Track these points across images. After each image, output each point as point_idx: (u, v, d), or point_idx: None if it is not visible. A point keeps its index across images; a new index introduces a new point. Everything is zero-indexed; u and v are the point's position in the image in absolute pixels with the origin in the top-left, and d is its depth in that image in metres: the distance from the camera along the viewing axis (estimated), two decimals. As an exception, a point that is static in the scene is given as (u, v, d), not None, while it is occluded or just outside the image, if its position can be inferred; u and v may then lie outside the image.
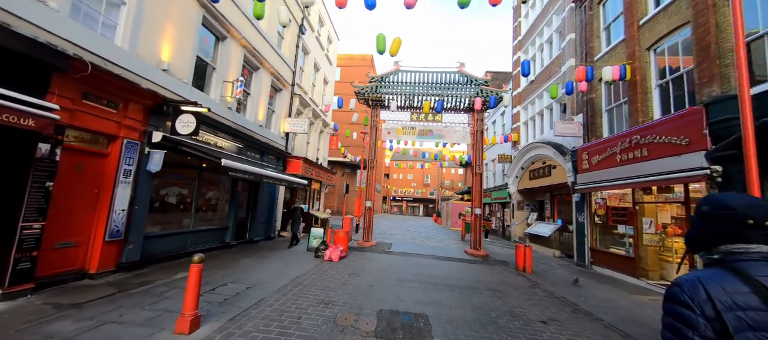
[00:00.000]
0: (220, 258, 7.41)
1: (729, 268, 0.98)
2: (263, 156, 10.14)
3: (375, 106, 12.89)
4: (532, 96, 15.81)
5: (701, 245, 1.09)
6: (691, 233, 1.13)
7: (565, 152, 11.70)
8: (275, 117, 11.43)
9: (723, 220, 1.03)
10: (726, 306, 0.90)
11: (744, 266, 0.96)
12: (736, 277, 0.94)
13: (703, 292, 0.93)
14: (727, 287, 0.92)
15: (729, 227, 1.01)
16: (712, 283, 0.94)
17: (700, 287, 0.94)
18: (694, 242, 1.12)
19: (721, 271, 0.98)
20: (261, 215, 10.47)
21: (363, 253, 9.97)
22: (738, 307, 0.89)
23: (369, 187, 12.55)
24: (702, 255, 1.09)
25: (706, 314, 0.91)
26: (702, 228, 1.08)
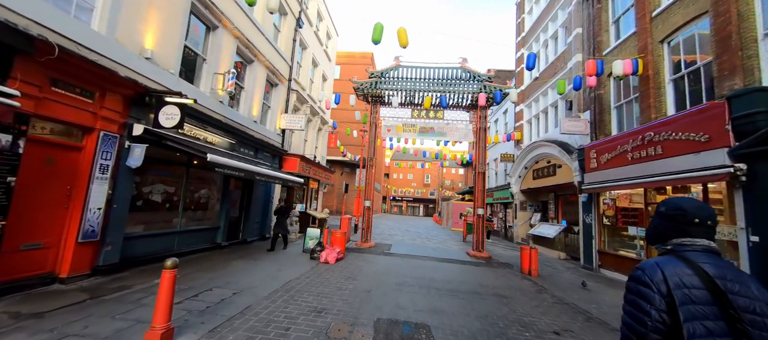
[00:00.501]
0: (209, 260, 7.00)
1: (679, 256, 1.21)
2: (258, 153, 9.73)
3: (375, 103, 12.47)
4: (536, 93, 15.39)
5: (658, 239, 1.34)
6: (650, 229, 1.37)
7: (572, 151, 11.28)
8: (271, 113, 11.01)
9: (676, 219, 1.27)
10: (675, 285, 1.12)
11: (690, 255, 1.20)
12: (684, 263, 1.17)
13: (660, 274, 1.15)
14: (677, 271, 1.15)
15: (680, 225, 1.26)
16: (667, 267, 1.17)
17: (658, 269, 1.17)
18: (652, 236, 1.37)
19: (673, 258, 1.21)
20: (255, 214, 10.05)
21: (361, 254, 9.56)
22: (684, 285, 1.12)
23: (368, 186, 12.13)
24: (657, 246, 1.34)
25: (661, 291, 1.13)
26: (659, 225, 1.33)
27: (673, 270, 1.15)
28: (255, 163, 8.37)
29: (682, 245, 1.24)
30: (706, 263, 1.16)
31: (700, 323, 1.07)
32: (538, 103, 15.37)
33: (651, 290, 1.14)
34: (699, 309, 1.08)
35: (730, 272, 1.15)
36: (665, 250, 1.29)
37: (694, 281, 1.12)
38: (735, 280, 1.13)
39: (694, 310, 1.08)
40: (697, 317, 1.08)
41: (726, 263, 1.18)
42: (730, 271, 1.15)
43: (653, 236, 1.36)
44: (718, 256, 1.21)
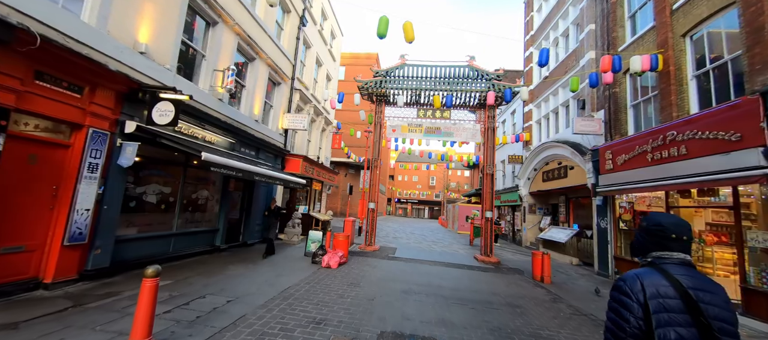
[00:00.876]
0: (205, 264, 6.71)
1: (658, 268, 1.33)
2: (259, 153, 9.46)
3: (380, 103, 12.15)
4: (545, 93, 14.93)
5: (640, 252, 1.46)
6: (634, 243, 1.51)
7: (585, 152, 10.82)
8: (273, 112, 10.75)
9: (655, 234, 1.38)
10: (652, 294, 1.24)
11: (667, 267, 1.32)
12: (661, 274, 1.29)
13: (639, 284, 1.28)
14: (654, 281, 1.27)
15: (659, 239, 1.37)
16: (646, 278, 1.29)
17: (638, 281, 1.29)
18: (635, 249, 1.50)
19: (652, 270, 1.33)
20: (256, 216, 9.77)
21: (365, 259, 9.21)
22: (660, 295, 1.23)
23: (372, 188, 11.79)
24: (640, 259, 1.46)
25: (639, 300, 1.25)
26: (641, 239, 1.45)
27: (650, 281, 1.27)
28: (256, 163, 8.09)
29: (660, 258, 1.35)
30: (682, 275, 1.27)
31: (672, 329, 1.18)
32: (548, 103, 14.91)
33: (630, 299, 1.26)
34: (672, 317, 1.19)
35: (703, 283, 1.26)
36: (646, 262, 1.41)
37: (669, 291, 1.23)
38: (707, 290, 1.23)
39: (666, 317, 1.19)
40: (669, 323, 1.19)
41: (700, 275, 1.30)
42: (703, 282, 1.26)
43: (636, 249, 1.49)
44: (693, 268, 1.32)
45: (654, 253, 1.37)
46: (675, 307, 1.20)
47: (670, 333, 1.16)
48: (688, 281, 1.24)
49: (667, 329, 1.17)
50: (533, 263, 8.54)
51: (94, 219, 4.71)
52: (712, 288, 1.24)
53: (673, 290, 1.22)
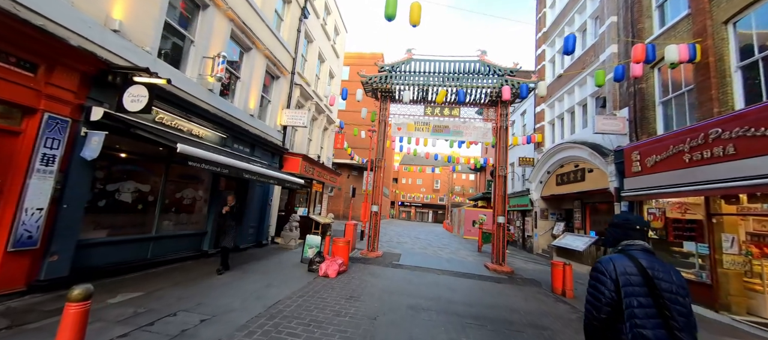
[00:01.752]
0: (188, 272, 5.99)
1: (625, 254, 1.77)
2: (254, 150, 8.76)
3: (384, 99, 11.44)
4: (560, 92, 14.12)
5: (613, 243, 1.92)
6: (608, 236, 1.96)
7: (606, 153, 9.98)
8: (271, 108, 10.08)
9: (624, 227, 1.86)
10: (621, 273, 1.67)
11: (632, 252, 1.75)
12: (628, 258, 1.73)
13: (612, 266, 1.72)
14: (623, 263, 1.71)
15: (626, 230, 1.85)
16: (617, 261, 1.72)
17: (611, 263, 1.73)
18: (608, 242, 1.96)
19: (621, 255, 1.77)
20: (250, 218, 9.06)
21: (367, 266, 8.44)
22: (626, 273, 1.67)
23: (376, 189, 11.05)
24: (612, 248, 1.92)
25: (612, 277, 1.68)
26: (613, 233, 1.92)
27: (620, 263, 1.71)
28: (249, 161, 7.39)
29: (627, 245, 1.82)
30: (642, 258, 1.71)
31: (635, 298, 1.64)
32: (563, 103, 14.09)
33: (606, 277, 1.71)
34: (634, 289, 1.65)
35: (658, 264, 1.70)
36: (617, 250, 1.86)
37: (633, 270, 1.68)
38: (660, 270, 1.67)
39: (631, 290, 1.65)
40: (633, 294, 1.64)
41: (655, 259, 1.74)
42: (658, 264, 1.70)
43: (609, 242, 1.96)
44: (651, 253, 1.78)
45: (623, 242, 1.84)
46: (637, 282, 1.66)
47: (633, 301, 1.64)
48: (646, 262, 1.70)
49: (631, 298, 1.64)
50: (553, 274, 7.72)
51: (49, 220, 4.02)
52: (663, 268, 1.69)
53: (636, 270, 1.68)
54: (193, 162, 4.34)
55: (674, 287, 1.61)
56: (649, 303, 1.60)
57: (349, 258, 9.13)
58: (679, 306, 1.57)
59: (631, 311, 1.59)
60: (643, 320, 1.58)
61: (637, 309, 1.59)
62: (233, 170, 5.29)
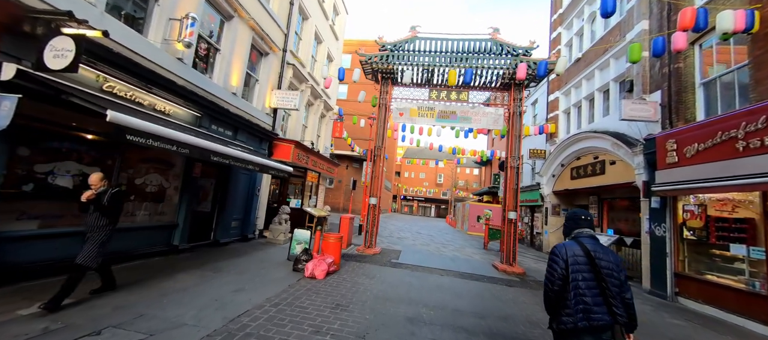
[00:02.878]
0: (146, 271, 5.09)
1: (575, 240, 2.26)
2: (237, 134, 7.81)
3: (385, 81, 10.41)
4: (577, 77, 12.96)
5: (567, 233, 2.41)
6: (565, 229, 2.45)
7: (633, 143, 8.90)
8: (259, 88, 9.09)
9: (575, 219, 2.39)
10: (570, 255, 2.17)
11: (581, 239, 2.25)
12: (577, 244, 2.22)
13: (565, 250, 2.21)
14: (573, 248, 2.20)
15: (576, 222, 2.36)
16: (568, 247, 2.22)
17: (564, 248, 2.22)
18: (565, 233, 2.44)
19: (572, 242, 2.26)
20: (234, 209, 8.15)
21: (362, 265, 7.51)
22: (574, 255, 2.16)
23: (375, 180, 10.09)
24: (567, 236, 2.40)
25: (563, 258, 2.17)
26: (568, 225, 2.42)
27: (570, 248, 2.21)
28: (230, 145, 6.43)
29: (578, 234, 2.30)
30: (588, 243, 2.20)
31: (580, 274, 2.12)
32: (580, 90, 12.94)
33: (559, 258, 2.20)
34: (580, 267, 2.13)
35: (600, 248, 2.19)
36: (570, 238, 2.35)
37: (580, 252, 2.17)
38: (601, 251, 2.17)
39: (577, 268, 2.13)
40: (578, 271, 2.13)
41: (598, 243, 2.23)
42: (600, 248, 2.20)
43: (566, 232, 2.44)
44: (596, 239, 2.26)
45: (575, 231, 2.35)
46: (582, 261, 2.15)
47: (578, 276, 2.12)
48: (591, 246, 2.19)
49: (577, 274, 2.13)
50: (574, 278, 6.72)
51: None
52: (603, 251, 2.19)
53: (582, 252, 2.17)
54: (133, 136, 3.38)
55: (611, 264, 2.14)
56: (591, 277, 2.13)
57: (343, 256, 8.21)
58: (613, 279, 2.12)
59: (575, 283, 2.12)
60: (584, 290, 2.10)
61: (581, 282, 2.12)
62: (195, 150, 4.32)
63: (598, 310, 2.04)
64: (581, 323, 2.03)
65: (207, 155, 4.60)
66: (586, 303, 2.06)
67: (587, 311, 2.04)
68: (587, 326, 2.02)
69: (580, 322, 2.04)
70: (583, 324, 2.03)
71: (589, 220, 2.34)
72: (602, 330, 2.03)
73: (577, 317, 2.05)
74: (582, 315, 2.04)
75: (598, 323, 2.02)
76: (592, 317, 2.03)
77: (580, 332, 2.04)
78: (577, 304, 2.07)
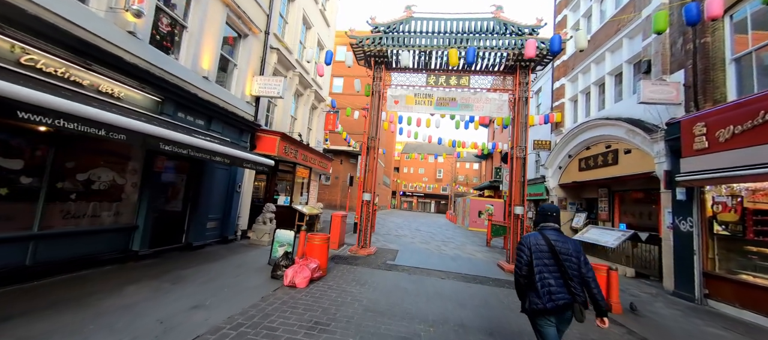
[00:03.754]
0: (87, 283, 4.26)
1: (539, 232, 2.56)
2: (211, 123, 6.95)
3: (378, 66, 9.54)
4: (584, 62, 12.10)
5: (536, 225, 2.68)
6: (536, 221, 2.77)
7: (651, 129, 8.07)
8: (238, 74, 8.21)
9: (542, 214, 2.66)
10: (534, 244, 2.46)
11: (545, 231, 2.53)
12: (540, 234, 2.51)
13: (529, 240, 2.51)
14: (537, 238, 2.50)
15: (545, 217, 2.63)
16: (532, 237, 2.53)
17: (530, 238, 2.53)
18: (535, 224, 2.72)
19: (537, 233, 2.55)
20: (210, 208, 7.32)
21: (353, 268, 6.70)
22: (538, 244, 2.46)
23: (369, 174, 9.26)
24: (535, 228, 2.69)
25: (529, 247, 2.45)
26: (537, 219, 2.70)
27: (534, 238, 2.51)
28: (196, 134, 5.57)
29: (543, 227, 2.60)
30: (550, 234, 2.50)
31: (542, 260, 2.42)
32: (589, 75, 12.08)
33: (524, 247, 2.49)
34: (542, 254, 2.43)
35: (560, 238, 2.50)
36: (537, 229, 2.62)
37: (542, 242, 2.46)
38: (560, 240, 2.47)
39: (540, 255, 2.43)
40: (541, 258, 2.42)
41: (560, 234, 2.55)
42: (560, 238, 2.51)
43: (535, 224, 2.75)
44: (559, 232, 2.57)
45: (541, 224, 2.63)
46: (545, 249, 2.44)
47: (541, 262, 2.42)
48: (553, 237, 2.49)
49: (540, 260, 2.42)
50: (593, 281, 5.92)
51: None
52: (564, 240, 2.48)
53: (545, 242, 2.46)
54: (26, 113, 2.53)
55: (569, 250, 2.43)
56: (552, 263, 2.42)
57: (333, 258, 7.40)
58: (570, 264, 2.39)
59: (539, 268, 2.41)
60: (548, 274, 2.40)
61: (543, 267, 2.41)
62: (135, 135, 3.47)
63: (560, 291, 2.35)
64: (548, 304, 2.32)
65: (153, 143, 3.74)
66: (550, 285, 2.36)
67: (551, 293, 2.34)
68: (553, 306, 2.32)
69: (548, 303, 2.33)
70: (550, 305, 2.32)
71: (556, 215, 2.64)
72: (565, 309, 2.34)
73: (544, 299, 2.34)
74: (547, 297, 2.34)
75: (560, 302, 2.32)
76: (555, 298, 2.33)
77: (547, 312, 2.35)
78: (543, 287, 2.37)
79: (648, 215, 9.87)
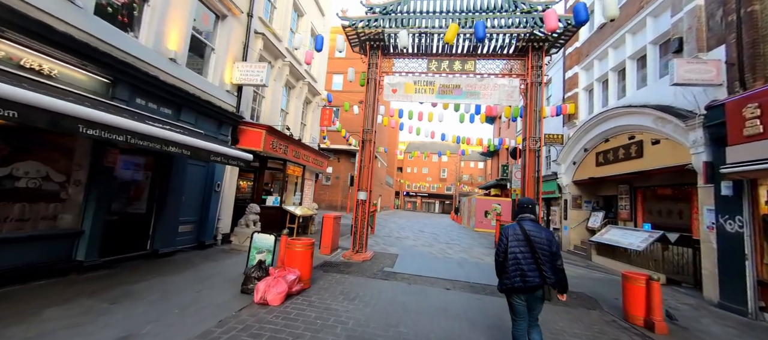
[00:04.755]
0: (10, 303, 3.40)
1: (517, 222, 2.96)
2: (181, 113, 6.08)
3: (374, 51, 8.63)
4: (601, 47, 11.08)
5: (514, 217, 3.11)
6: (513, 214, 3.76)
7: (686, 115, 7.05)
8: (216, 59, 7.35)
9: (519, 206, 3.07)
10: (512, 233, 2.90)
11: (521, 222, 2.93)
12: (518, 225, 2.92)
13: (508, 230, 2.93)
14: (514, 229, 2.91)
15: (522, 209, 3.04)
16: (510, 228, 2.94)
17: (509, 228, 2.95)
18: (513, 217, 3.56)
19: (515, 224, 2.95)
20: (182, 210, 6.46)
21: (344, 278, 5.78)
22: (515, 233, 2.89)
23: (365, 170, 8.36)
24: (514, 219, 3.10)
25: (507, 235, 2.90)
26: (515, 212, 3.11)
27: (512, 229, 2.89)
28: (148, 120, 4.70)
29: (520, 218, 2.96)
30: (527, 225, 2.88)
31: (518, 247, 2.79)
32: (606, 61, 11.05)
33: (504, 236, 2.90)
34: (519, 242, 2.81)
35: (535, 228, 2.86)
36: (515, 221, 3.01)
37: (519, 231, 2.84)
38: (535, 231, 2.83)
39: (516, 242, 2.81)
40: (517, 245, 2.80)
41: (535, 224, 2.91)
42: (535, 227, 2.86)
43: (513, 216, 3.44)
44: (535, 222, 2.94)
45: (519, 216, 3.01)
46: (521, 238, 2.82)
47: (517, 249, 2.80)
48: (528, 227, 2.86)
49: (516, 247, 2.81)
50: (626, 293, 4.96)
51: None
52: (538, 230, 2.84)
53: (521, 231, 2.84)
54: None
55: (542, 240, 2.80)
56: (527, 250, 2.79)
57: (323, 265, 6.50)
58: (542, 250, 2.76)
59: (514, 254, 2.82)
60: (522, 260, 2.78)
61: (519, 253, 2.81)
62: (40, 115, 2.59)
63: (532, 274, 2.75)
64: (517, 283, 2.77)
65: (68, 125, 2.85)
66: (523, 269, 2.77)
67: (523, 275, 2.76)
68: (523, 286, 2.76)
69: (517, 283, 2.77)
70: (519, 284, 2.76)
71: (532, 208, 3.05)
72: (535, 289, 2.77)
73: (515, 279, 2.78)
74: (519, 278, 2.77)
75: (531, 283, 2.74)
76: (527, 279, 2.75)
77: (519, 290, 2.79)
78: (516, 270, 2.80)
79: (678, 214, 8.82)
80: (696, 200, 8.05)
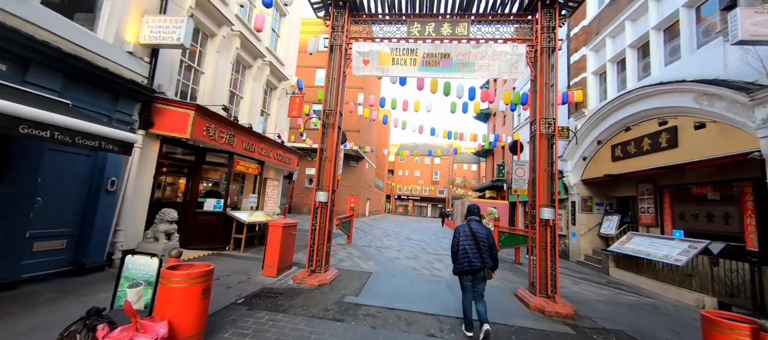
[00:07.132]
0: None
1: (467, 222, 4.08)
2: (28, 71, 4.02)
3: (340, 10, 6.70)
4: (615, 22, 9.39)
5: (465, 218, 4.18)
6: (465, 215, 4.21)
7: (745, 88, 5.29)
8: (112, 9, 5.31)
9: (470, 211, 4.17)
10: (461, 230, 4.01)
11: (469, 222, 4.05)
12: (466, 225, 4.03)
13: (461, 227, 4.04)
14: (463, 227, 4.02)
15: (471, 213, 4.15)
16: (460, 226, 4.06)
17: (460, 227, 4.05)
18: (465, 217, 4.19)
19: (464, 224, 4.07)
20: (40, 217, 4.38)
21: (272, 321, 3.75)
22: (464, 231, 3.98)
23: (327, 163, 6.36)
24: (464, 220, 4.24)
25: (458, 232, 4.00)
26: (466, 214, 4.19)
27: (463, 227, 3.97)
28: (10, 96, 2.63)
29: (469, 219, 4.04)
30: (473, 224, 3.98)
31: (466, 241, 3.90)
32: (622, 37, 9.36)
33: (457, 232, 3.99)
34: (466, 237, 3.92)
35: (479, 226, 3.96)
36: (465, 221, 4.09)
37: (466, 229, 3.93)
38: (478, 228, 3.92)
39: (464, 237, 3.93)
40: (465, 239, 3.89)
41: (478, 223, 4.01)
42: (480, 226, 3.97)
43: (464, 217, 4.18)
44: (479, 222, 4.04)
45: (468, 217, 4.06)
46: (468, 234, 3.91)
47: (465, 242, 3.89)
48: (474, 226, 3.93)
49: (464, 241, 3.90)
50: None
51: None
52: (481, 228, 3.93)
53: (468, 229, 3.91)
54: None
55: (483, 236, 3.86)
56: (472, 243, 3.82)
57: (254, 295, 4.44)
58: (483, 243, 3.81)
59: (463, 246, 3.85)
60: (468, 250, 3.80)
61: (467, 245, 3.82)
62: None
63: (476, 260, 3.75)
64: (466, 267, 3.78)
65: None
66: (470, 257, 3.78)
67: (470, 261, 3.76)
68: (469, 269, 3.76)
69: (465, 267, 3.78)
70: (467, 268, 3.78)
71: (477, 211, 4.12)
72: (478, 271, 3.75)
73: (463, 264, 3.80)
74: (466, 263, 3.78)
75: (475, 267, 3.74)
76: (473, 264, 3.75)
77: (467, 272, 3.80)
78: (464, 258, 3.81)
79: (723, 218, 7.04)
80: (749, 201, 6.30)
